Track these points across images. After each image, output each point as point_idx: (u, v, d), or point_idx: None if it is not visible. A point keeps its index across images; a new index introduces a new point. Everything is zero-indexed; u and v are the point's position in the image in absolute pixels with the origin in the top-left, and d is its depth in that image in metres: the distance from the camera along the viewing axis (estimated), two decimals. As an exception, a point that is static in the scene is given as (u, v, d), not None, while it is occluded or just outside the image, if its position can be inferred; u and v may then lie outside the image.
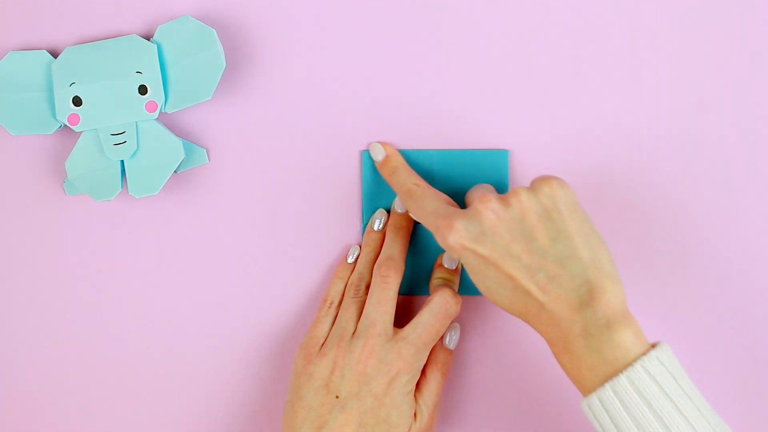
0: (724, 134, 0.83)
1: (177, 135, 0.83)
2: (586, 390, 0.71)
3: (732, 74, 0.82)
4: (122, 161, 0.81)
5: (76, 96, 0.80)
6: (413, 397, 0.79)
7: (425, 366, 0.81)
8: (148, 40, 0.81)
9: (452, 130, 0.83)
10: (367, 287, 0.81)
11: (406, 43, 0.83)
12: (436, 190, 0.79)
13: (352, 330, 0.79)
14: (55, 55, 0.81)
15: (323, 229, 0.84)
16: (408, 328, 0.79)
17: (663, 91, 0.83)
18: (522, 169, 0.83)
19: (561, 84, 0.83)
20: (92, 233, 0.84)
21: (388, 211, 0.83)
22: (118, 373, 0.85)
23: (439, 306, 0.79)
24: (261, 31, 0.83)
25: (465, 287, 0.83)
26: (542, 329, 0.73)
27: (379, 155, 0.82)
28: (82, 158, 0.81)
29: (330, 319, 0.81)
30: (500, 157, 0.83)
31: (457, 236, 0.73)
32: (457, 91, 0.83)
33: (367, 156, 0.83)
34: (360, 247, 0.83)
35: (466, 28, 0.83)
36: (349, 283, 0.82)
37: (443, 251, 0.83)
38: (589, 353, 0.70)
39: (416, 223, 0.83)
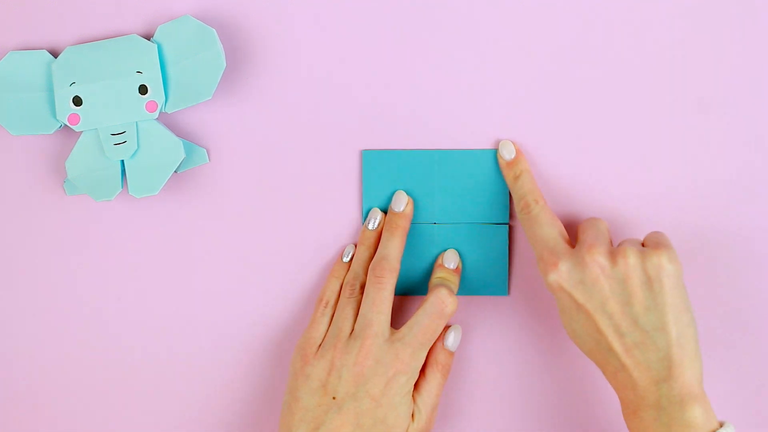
0: (725, 134, 0.83)
1: (177, 135, 0.83)
2: None
3: (734, 74, 0.83)
4: (122, 161, 0.81)
5: (77, 96, 0.80)
6: (411, 397, 0.79)
7: (425, 366, 0.81)
8: (149, 40, 0.81)
9: (452, 130, 0.83)
10: (362, 287, 0.81)
11: (407, 42, 0.83)
12: (553, 214, 0.79)
13: (348, 330, 0.79)
14: (55, 55, 0.81)
15: (323, 229, 0.84)
16: (404, 328, 0.79)
17: (664, 91, 0.83)
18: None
19: (561, 83, 0.83)
20: (92, 233, 0.84)
21: (385, 211, 0.83)
22: (117, 373, 0.85)
23: (434, 306, 0.79)
24: (261, 31, 0.83)
25: (465, 287, 0.83)
26: (616, 386, 0.75)
27: (508, 154, 0.81)
28: (82, 158, 0.81)
29: (326, 319, 0.81)
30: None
31: (558, 276, 0.75)
32: (457, 91, 0.83)
33: (367, 155, 0.83)
34: (355, 246, 0.83)
35: (466, 28, 0.82)
36: (344, 282, 0.82)
37: (443, 251, 0.83)
38: (658, 425, 0.73)
39: (413, 223, 0.83)
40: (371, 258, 0.82)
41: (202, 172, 0.84)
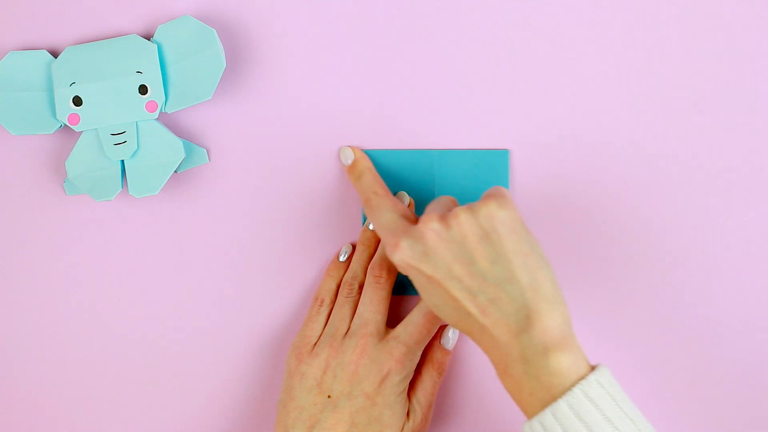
0: (725, 134, 0.83)
1: (177, 135, 0.83)
2: (528, 414, 0.70)
3: (732, 74, 0.83)
4: (122, 161, 0.81)
5: (77, 96, 0.80)
6: (406, 396, 0.79)
7: (421, 365, 0.81)
8: (149, 39, 0.81)
9: (452, 130, 0.83)
10: (361, 287, 0.81)
11: (406, 43, 0.83)
12: (395, 200, 0.78)
13: (344, 330, 0.80)
14: (55, 55, 0.81)
15: (324, 229, 0.84)
16: (399, 327, 0.79)
17: (664, 91, 0.83)
18: (522, 169, 0.83)
19: (561, 83, 0.83)
20: (92, 233, 0.84)
21: None
22: (117, 372, 0.85)
23: (428, 305, 0.79)
24: (261, 31, 0.83)
25: None
26: (485, 350, 0.72)
27: (348, 159, 0.82)
28: (82, 158, 0.81)
29: (322, 318, 0.82)
30: (500, 156, 0.83)
31: (402, 254, 0.73)
32: (457, 91, 0.83)
33: (368, 156, 0.83)
34: (352, 245, 0.83)
35: (465, 28, 0.83)
36: (342, 281, 0.82)
37: None
38: (528, 378, 0.69)
39: None
40: (371, 258, 0.82)
41: (202, 172, 0.84)
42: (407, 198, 0.82)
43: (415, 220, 0.76)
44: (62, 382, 0.85)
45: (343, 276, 0.83)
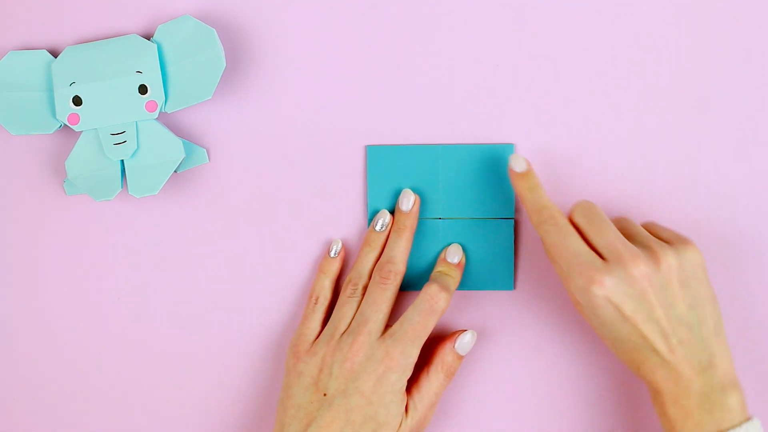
0: (725, 134, 0.83)
1: (177, 135, 0.83)
2: None
3: (732, 74, 0.83)
4: (122, 161, 0.81)
5: (76, 96, 0.80)
6: (404, 394, 0.79)
7: (430, 363, 0.81)
8: (148, 39, 0.81)
9: (457, 125, 0.83)
10: (365, 288, 0.81)
11: (407, 39, 0.83)
12: (571, 227, 0.78)
13: (344, 329, 0.80)
14: (55, 55, 0.81)
15: (326, 229, 0.84)
16: (395, 325, 0.79)
17: (664, 90, 0.83)
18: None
19: (563, 83, 0.83)
20: (92, 233, 0.84)
21: (391, 210, 0.83)
22: (117, 372, 0.85)
23: (424, 302, 0.79)
24: (261, 31, 0.83)
25: (470, 282, 0.83)
26: (654, 380, 0.75)
27: (519, 166, 0.80)
28: (82, 158, 0.81)
29: (318, 316, 0.82)
30: (505, 151, 0.82)
31: (605, 292, 0.74)
32: (460, 86, 0.83)
33: (372, 151, 0.83)
34: (341, 241, 0.83)
35: (469, 22, 0.82)
36: (346, 280, 0.82)
37: (447, 245, 0.83)
38: (701, 412, 0.74)
39: (419, 218, 0.83)
40: (377, 259, 0.82)
41: (202, 172, 0.84)
42: (413, 196, 0.82)
43: (598, 253, 0.76)
44: (62, 381, 0.85)
45: (337, 272, 0.83)
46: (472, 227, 0.83)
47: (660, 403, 0.75)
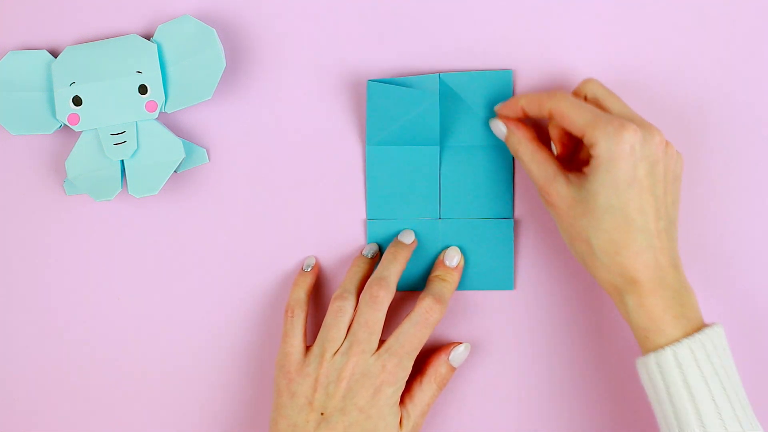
0: (724, 134, 0.83)
1: (177, 135, 0.83)
2: (664, 336, 0.74)
3: (732, 74, 0.83)
4: (122, 161, 0.81)
5: (76, 96, 0.80)
6: (399, 405, 0.79)
7: (423, 374, 0.81)
8: (148, 39, 0.81)
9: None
10: (354, 306, 0.80)
11: (408, 40, 0.83)
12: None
13: (335, 349, 0.79)
14: (55, 55, 0.81)
15: (326, 229, 0.84)
16: (391, 338, 0.79)
17: (663, 91, 0.83)
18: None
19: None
20: (92, 233, 0.84)
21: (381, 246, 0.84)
22: (117, 372, 0.85)
23: (419, 315, 0.79)
24: (261, 31, 0.83)
25: (470, 282, 0.83)
26: (634, 267, 0.75)
27: (500, 132, 0.81)
28: (82, 158, 0.81)
29: (298, 330, 0.81)
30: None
31: (635, 139, 0.74)
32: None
33: (371, 152, 0.83)
34: (315, 258, 0.83)
35: (464, 34, 0.83)
36: (333, 297, 0.81)
37: (445, 248, 0.83)
38: (676, 305, 0.74)
39: (418, 218, 0.83)
40: (364, 279, 0.82)
41: (202, 172, 0.84)
42: (413, 235, 0.82)
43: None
44: (62, 381, 0.85)
45: (311, 285, 0.83)
46: (471, 227, 0.83)
47: (637, 293, 0.75)
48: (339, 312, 0.80)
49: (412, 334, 0.79)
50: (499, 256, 0.83)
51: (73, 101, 0.80)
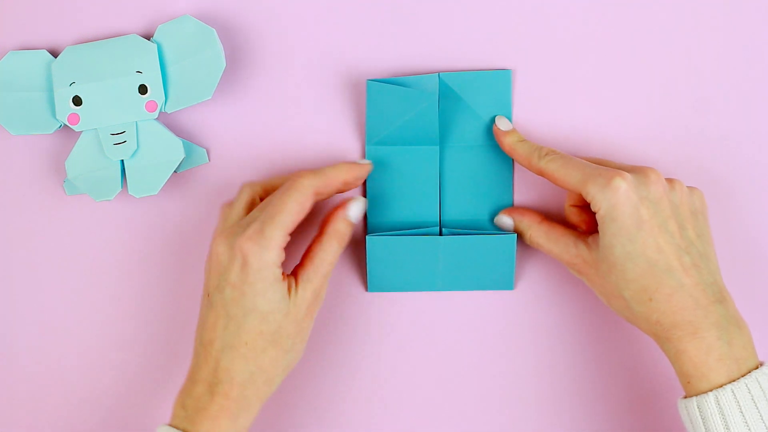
0: (724, 134, 0.83)
1: (177, 135, 0.83)
2: (707, 381, 0.72)
3: (732, 74, 0.83)
4: (122, 161, 0.81)
5: (76, 96, 0.80)
6: (281, 278, 0.76)
7: (321, 233, 0.79)
8: (148, 39, 0.81)
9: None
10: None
11: (408, 42, 0.83)
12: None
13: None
14: (55, 55, 0.81)
15: (324, 229, 0.84)
16: (256, 209, 0.77)
17: (663, 91, 0.83)
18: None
19: (563, 83, 0.83)
20: (92, 233, 0.84)
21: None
22: (116, 372, 0.85)
23: (287, 180, 0.77)
24: (261, 31, 0.83)
25: (471, 282, 0.83)
26: (670, 310, 0.73)
27: (505, 126, 0.81)
28: (82, 158, 0.81)
29: (239, 204, 0.80)
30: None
31: (626, 184, 0.74)
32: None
33: (371, 152, 0.83)
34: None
35: (470, 30, 0.83)
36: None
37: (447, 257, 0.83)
38: (721, 344, 0.73)
39: (416, 228, 0.83)
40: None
41: (202, 172, 0.84)
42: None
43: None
44: (62, 381, 0.85)
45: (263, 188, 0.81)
46: (471, 227, 0.83)
47: (678, 339, 0.73)
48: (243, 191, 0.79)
49: (276, 197, 0.76)
50: (500, 255, 0.83)
51: (73, 101, 0.80)
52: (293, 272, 0.78)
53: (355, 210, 0.80)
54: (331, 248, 0.78)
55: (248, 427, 0.76)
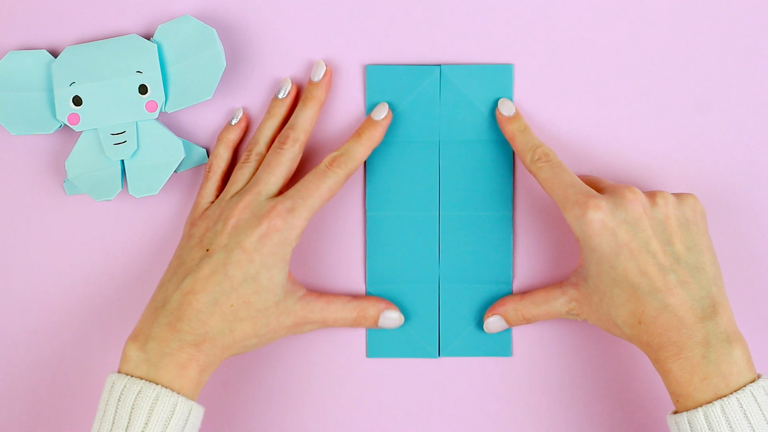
0: (724, 134, 0.83)
1: (177, 135, 0.83)
2: (693, 400, 0.72)
3: (732, 74, 0.83)
4: (122, 161, 0.81)
5: (76, 96, 0.80)
6: (288, 273, 0.78)
7: (328, 296, 0.81)
8: (149, 39, 0.81)
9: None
10: (262, 156, 0.80)
11: (408, 43, 0.83)
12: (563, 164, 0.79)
13: (237, 190, 0.79)
14: (55, 55, 0.81)
15: (326, 227, 0.84)
16: (292, 188, 0.78)
17: (663, 91, 0.83)
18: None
19: (562, 83, 0.83)
20: (92, 233, 0.84)
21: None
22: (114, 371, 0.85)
23: (323, 165, 0.78)
24: (261, 31, 0.83)
25: (469, 278, 0.83)
26: (656, 331, 0.73)
27: (508, 110, 0.81)
28: (82, 158, 0.81)
29: (211, 184, 0.81)
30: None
31: (602, 214, 0.74)
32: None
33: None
34: (242, 109, 0.82)
35: (478, 40, 0.83)
36: (245, 148, 0.81)
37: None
38: (706, 363, 0.72)
39: (416, 213, 0.83)
40: (278, 129, 0.81)
41: (202, 173, 0.84)
42: (324, 66, 0.81)
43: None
44: (62, 381, 0.85)
45: (235, 142, 0.82)
46: (470, 222, 0.83)
47: (663, 360, 0.73)
48: (246, 159, 0.80)
49: (310, 182, 0.78)
50: (498, 251, 0.83)
51: (73, 101, 0.80)
52: (306, 293, 0.80)
53: (386, 320, 0.82)
54: (346, 313, 0.81)
55: (203, 386, 0.76)
